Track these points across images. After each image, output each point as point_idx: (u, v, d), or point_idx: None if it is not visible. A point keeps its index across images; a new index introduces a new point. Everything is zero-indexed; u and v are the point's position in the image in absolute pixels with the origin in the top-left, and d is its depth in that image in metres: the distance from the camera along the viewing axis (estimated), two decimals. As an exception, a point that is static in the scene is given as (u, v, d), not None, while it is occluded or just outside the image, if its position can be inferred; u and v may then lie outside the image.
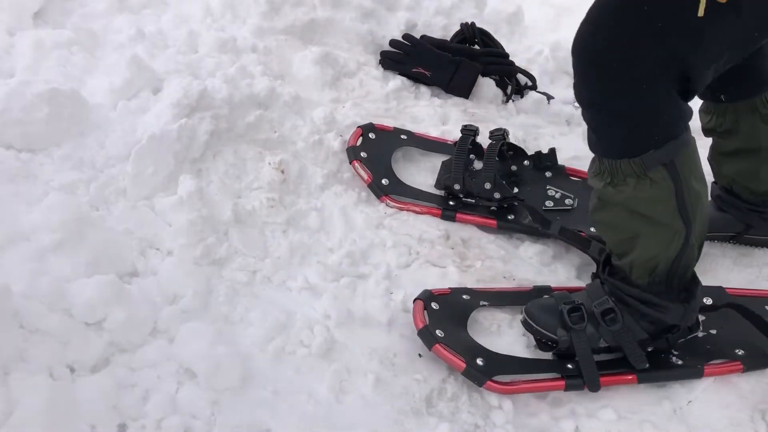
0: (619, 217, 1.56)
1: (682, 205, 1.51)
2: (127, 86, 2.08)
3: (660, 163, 1.48)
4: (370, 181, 2.03)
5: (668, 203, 1.51)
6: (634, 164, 1.48)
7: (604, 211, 1.58)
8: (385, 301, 1.78)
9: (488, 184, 2.01)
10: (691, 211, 1.53)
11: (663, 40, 1.38)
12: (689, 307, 1.64)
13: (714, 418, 1.61)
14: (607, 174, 1.52)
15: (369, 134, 2.16)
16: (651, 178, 1.49)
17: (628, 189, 1.51)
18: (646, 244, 1.56)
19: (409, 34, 2.60)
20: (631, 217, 1.54)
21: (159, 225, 1.79)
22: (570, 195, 2.08)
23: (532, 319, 1.70)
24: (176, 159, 1.88)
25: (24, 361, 1.42)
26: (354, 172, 2.07)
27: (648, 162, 1.47)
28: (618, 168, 1.50)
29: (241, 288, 1.73)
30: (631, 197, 1.52)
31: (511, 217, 2.01)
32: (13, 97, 1.89)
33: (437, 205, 2.03)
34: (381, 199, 2.02)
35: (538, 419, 1.60)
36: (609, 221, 1.60)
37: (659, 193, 1.50)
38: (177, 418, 1.44)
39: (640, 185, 1.50)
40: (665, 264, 1.58)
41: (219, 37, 2.39)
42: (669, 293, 1.62)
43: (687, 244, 1.56)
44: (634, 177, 1.49)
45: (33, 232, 1.61)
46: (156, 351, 1.54)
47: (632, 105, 1.45)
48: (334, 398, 1.54)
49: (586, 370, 1.61)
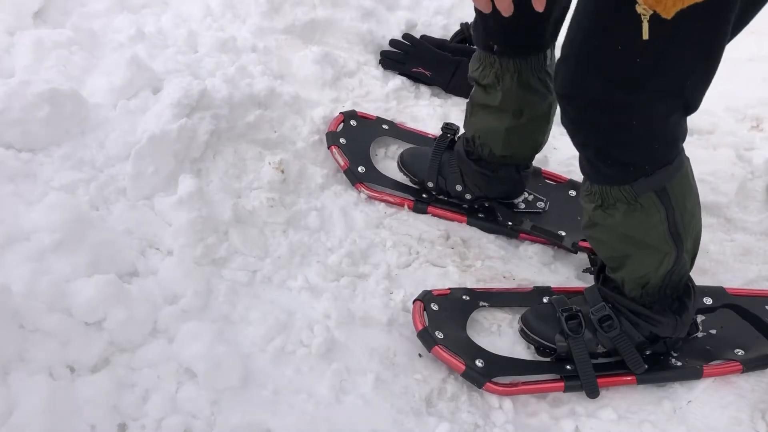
0: (609, 237, 1.55)
1: (673, 228, 1.50)
2: (127, 86, 2.08)
3: (651, 190, 1.46)
4: (346, 168, 2.03)
5: (658, 228, 1.50)
6: (624, 191, 1.46)
7: (595, 230, 1.57)
8: (385, 300, 1.78)
9: (459, 186, 2.00)
10: (682, 231, 1.52)
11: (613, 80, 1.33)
12: (681, 321, 1.63)
13: (714, 417, 1.61)
14: (597, 197, 1.50)
15: (350, 121, 2.15)
16: (641, 204, 1.47)
17: (618, 214, 1.49)
18: (636, 264, 1.56)
19: (409, 34, 2.60)
20: (621, 238, 1.53)
21: (159, 225, 1.78)
22: (542, 198, 2.07)
23: (529, 329, 1.71)
24: (176, 159, 1.88)
25: (24, 360, 1.42)
26: (331, 156, 2.07)
27: (639, 189, 1.45)
28: (608, 193, 1.48)
29: (241, 288, 1.73)
30: (621, 222, 1.50)
31: (482, 216, 2.01)
32: (13, 96, 1.88)
33: (410, 196, 2.03)
34: (356, 186, 2.02)
35: (538, 419, 1.60)
36: (600, 239, 1.58)
37: (649, 219, 1.49)
38: (177, 418, 1.44)
39: (629, 211, 1.48)
40: (656, 280, 1.58)
41: (219, 37, 2.39)
42: (662, 303, 1.62)
43: (678, 261, 1.56)
44: (624, 203, 1.47)
45: (33, 232, 1.61)
46: (156, 351, 1.54)
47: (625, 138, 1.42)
48: (334, 398, 1.54)
49: (585, 377, 1.61)
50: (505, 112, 1.81)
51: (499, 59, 1.75)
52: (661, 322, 1.62)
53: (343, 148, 2.07)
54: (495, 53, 1.75)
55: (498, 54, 1.75)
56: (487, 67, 1.78)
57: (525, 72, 1.75)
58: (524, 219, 1.98)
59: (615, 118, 1.39)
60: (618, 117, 1.38)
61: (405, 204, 2.01)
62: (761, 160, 2.32)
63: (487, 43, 1.75)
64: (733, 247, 2.05)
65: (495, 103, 1.81)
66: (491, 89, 1.80)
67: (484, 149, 1.90)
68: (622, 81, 1.33)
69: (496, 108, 1.82)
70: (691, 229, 1.56)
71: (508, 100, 1.79)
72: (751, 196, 2.22)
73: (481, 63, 1.80)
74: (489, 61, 1.77)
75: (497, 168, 1.93)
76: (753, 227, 2.13)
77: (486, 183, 1.96)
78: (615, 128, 1.41)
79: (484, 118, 1.86)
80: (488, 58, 1.77)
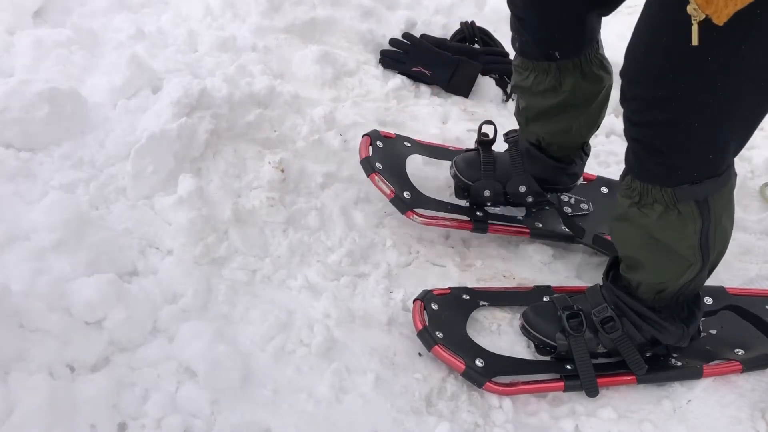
0: (637, 236, 1.52)
1: (705, 241, 1.47)
2: (127, 85, 2.08)
3: (693, 198, 1.42)
4: (393, 196, 1.86)
5: (690, 238, 1.47)
6: (666, 193, 1.43)
7: (625, 225, 1.54)
8: (385, 300, 1.78)
9: (522, 188, 1.91)
10: (712, 247, 1.49)
11: None
12: (687, 332, 1.62)
13: (714, 417, 1.61)
14: (636, 194, 1.47)
15: (377, 142, 1.99)
16: (679, 211, 1.44)
17: (653, 215, 1.46)
18: (658, 269, 1.54)
19: (409, 33, 2.60)
20: (649, 241, 1.50)
21: (159, 224, 1.78)
22: (583, 199, 2.04)
23: (530, 326, 1.70)
24: (176, 158, 1.88)
25: (24, 360, 1.42)
26: (374, 185, 1.89)
27: (680, 195, 1.42)
28: (648, 192, 1.45)
29: (241, 287, 1.73)
30: (654, 224, 1.47)
31: (540, 225, 1.95)
32: (13, 96, 1.88)
33: (466, 217, 1.93)
34: (407, 215, 1.87)
35: (538, 418, 1.60)
36: (626, 236, 1.56)
37: (684, 228, 1.46)
38: (177, 417, 1.44)
39: (665, 214, 1.45)
40: (673, 288, 1.56)
41: (219, 36, 2.39)
42: (672, 310, 1.61)
43: (700, 274, 1.54)
44: (662, 205, 1.44)
45: (33, 232, 1.61)
46: (156, 350, 1.54)
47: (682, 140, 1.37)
48: (334, 397, 1.54)
49: (585, 376, 1.61)
50: (572, 107, 1.77)
51: (556, 63, 1.70)
52: (667, 329, 1.61)
53: (383, 174, 1.89)
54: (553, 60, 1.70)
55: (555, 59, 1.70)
56: (540, 75, 1.73)
57: (585, 65, 1.71)
58: (581, 225, 1.94)
59: (678, 116, 1.35)
60: (681, 116, 1.34)
61: (464, 227, 1.92)
62: (761, 159, 2.33)
63: (548, 53, 1.70)
64: (733, 247, 2.04)
65: (557, 104, 1.76)
66: (549, 93, 1.74)
67: (552, 147, 1.85)
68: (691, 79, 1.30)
69: (559, 109, 1.77)
70: (720, 247, 1.53)
71: (573, 96, 1.75)
72: (750, 196, 2.23)
73: (531, 71, 1.74)
74: (542, 68, 1.72)
75: (571, 160, 1.89)
76: (753, 226, 2.14)
77: (560, 176, 1.90)
78: (674, 128, 1.36)
79: (546, 122, 1.80)
80: (539, 66, 1.71)
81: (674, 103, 1.33)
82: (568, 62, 1.70)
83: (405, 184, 1.93)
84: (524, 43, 1.73)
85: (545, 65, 1.71)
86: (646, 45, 1.35)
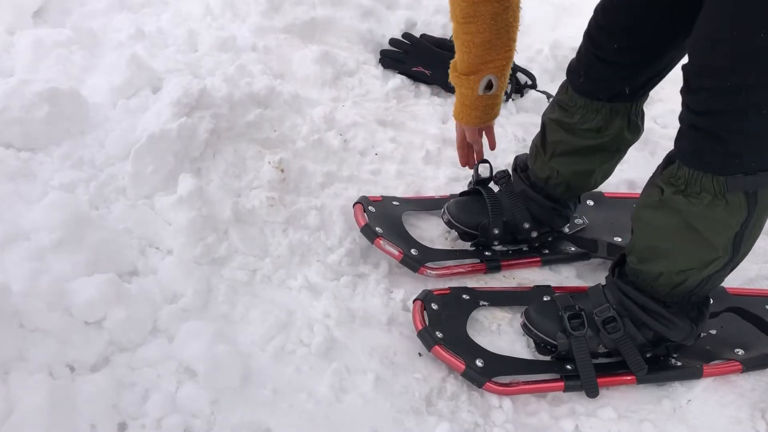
0: (672, 223, 1.50)
1: (741, 236, 1.46)
2: (127, 85, 2.08)
3: (743, 189, 1.41)
4: (402, 256, 1.84)
5: (731, 230, 1.46)
6: (717, 182, 1.41)
7: (659, 213, 1.52)
8: (385, 300, 1.78)
9: (526, 224, 1.92)
10: (745, 242, 1.49)
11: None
12: (695, 330, 1.62)
13: (714, 416, 1.61)
14: (682, 182, 1.45)
15: (369, 207, 1.96)
16: (727, 201, 1.42)
17: (700, 204, 1.44)
18: (686, 257, 1.52)
19: (409, 33, 2.60)
20: (685, 228, 1.49)
21: (159, 224, 1.78)
22: (575, 215, 2.04)
23: (532, 324, 1.70)
24: (176, 158, 1.88)
25: (24, 360, 1.42)
26: (381, 250, 1.86)
27: (732, 185, 1.41)
28: (698, 180, 1.43)
29: (241, 287, 1.73)
30: (698, 212, 1.45)
31: (547, 252, 1.96)
32: (13, 96, 1.89)
33: (476, 260, 1.93)
34: (419, 272, 1.85)
35: (537, 418, 1.60)
36: (660, 224, 1.53)
37: (728, 218, 1.44)
38: (177, 417, 1.44)
39: (712, 204, 1.43)
40: (694, 282, 1.55)
41: (219, 36, 2.39)
42: (682, 306, 1.61)
43: (723, 270, 1.53)
44: (710, 194, 1.42)
45: (33, 231, 1.61)
46: (156, 350, 1.54)
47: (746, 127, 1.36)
48: (334, 397, 1.54)
49: (585, 376, 1.61)
50: (606, 152, 1.79)
51: (611, 104, 1.70)
52: (676, 324, 1.60)
53: (386, 237, 1.87)
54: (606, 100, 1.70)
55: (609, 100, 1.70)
56: (589, 113, 1.72)
57: (633, 113, 1.73)
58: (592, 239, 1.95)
59: (744, 101, 1.33)
60: (748, 101, 1.33)
61: (478, 270, 1.91)
62: (761, 159, 2.32)
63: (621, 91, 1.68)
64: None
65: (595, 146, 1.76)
66: (592, 133, 1.74)
67: (558, 189, 1.87)
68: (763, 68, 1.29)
69: (594, 150, 1.77)
70: (750, 245, 1.52)
71: (613, 141, 1.76)
72: (751, 195, 2.22)
73: (581, 108, 1.73)
74: (593, 107, 1.71)
75: (567, 203, 1.92)
76: (753, 226, 2.13)
77: (553, 217, 1.92)
78: (739, 113, 1.35)
79: (574, 161, 1.80)
80: (592, 104, 1.71)
81: (744, 93, 1.32)
82: (620, 106, 1.71)
83: (409, 242, 1.93)
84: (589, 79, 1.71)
85: (597, 104, 1.71)
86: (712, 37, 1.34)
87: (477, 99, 1.79)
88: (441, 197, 2.09)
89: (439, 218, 2.03)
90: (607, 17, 1.64)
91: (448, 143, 2.29)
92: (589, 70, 1.69)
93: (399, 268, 1.88)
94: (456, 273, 1.89)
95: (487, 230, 1.92)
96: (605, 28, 1.64)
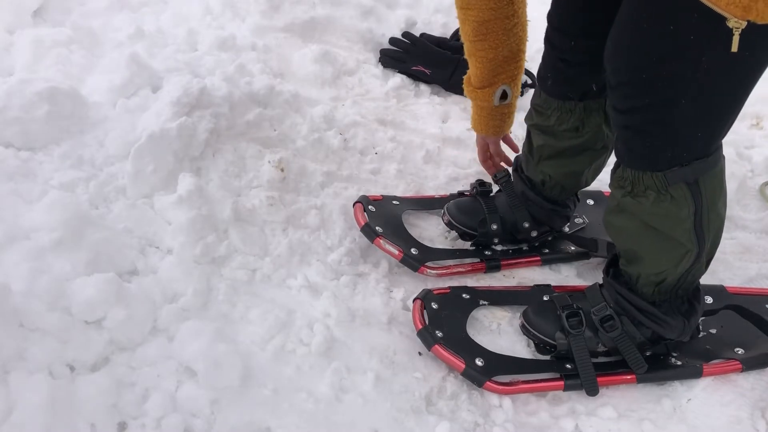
0: (633, 226, 1.54)
1: (698, 225, 1.48)
2: (127, 84, 2.08)
3: (683, 180, 1.44)
4: (402, 256, 1.85)
5: (685, 222, 1.48)
6: (656, 178, 1.44)
7: (621, 217, 1.56)
8: (385, 299, 1.78)
9: (526, 223, 1.94)
10: (707, 231, 1.50)
11: None
12: (688, 324, 1.63)
13: (714, 416, 1.61)
14: (628, 183, 1.49)
15: (369, 207, 1.96)
16: (672, 195, 1.45)
17: (647, 202, 1.48)
18: (655, 258, 1.55)
19: (409, 32, 2.60)
20: (645, 229, 1.52)
21: (159, 223, 1.78)
22: (576, 214, 2.05)
23: (530, 325, 1.71)
24: (176, 157, 1.88)
25: (24, 359, 1.42)
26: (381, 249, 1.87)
27: (671, 178, 1.44)
28: (640, 179, 1.47)
29: (241, 286, 1.73)
30: (648, 211, 1.49)
31: (547, 251, 1.97)
32: (13, 95, 1.89)
33: (476, 259, 1.93)
34: (419, 271, 1.85)
35: (537, 417, 1.60)
36: (623, 227, 1.57)
37: (677, 211, 1.47)
38: (177, 417, 1.44)
39: (659, 200, 1.46)
40: (673, 278, 1.57)
41: (218, 35, 2.39)
42: (672, 303, 1.62)
43: (697, 261, 1.55)
44: (654, 191, 1.46)
45: (32, 231, 1.61)
46: (156, 349, 1.54)
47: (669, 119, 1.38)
48: (334, 396, 1.54)
49: (585, 375, 1.61)
50: (589, 150, 1.80)
51: (583, 103, 1.72)
52: (668, 323, 1.61)
53: (386, 236, 1.88)
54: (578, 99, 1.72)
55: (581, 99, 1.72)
56: (564, 114, 1.74)
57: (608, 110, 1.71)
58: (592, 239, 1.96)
59: (664, 97, 1.35)
60: (667, 96, 1.35)
61: (478, 270, 1.91)
62: (761, 158, 2.32)
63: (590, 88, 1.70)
64: (733, 246, 2.05)
65: (577, 146, 1.78)
66: (571, 133, 1.76)
67: (554, 191, 1.88)
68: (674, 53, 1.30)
69: (577, 150, 1.79)
70: (714, 233, 1.54)
71: (593, 139, 1.77)
72: (750, 195, 2.23)
73: (555, 110, 1.75)
74: (567, 108, 1.73)
75: (566, 203, 1.94)
76: (752, 225, 2.14)
77: (553, 217, 1.94)
78: (662, 108, 1.37)
79: (561, 163, 1.82)
80: (564, 106, 1.73)
81: (659, 84, 1.34)
82: (593, 103, 1.72)
83: (409, 241, 1.93)
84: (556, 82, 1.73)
85: (570, 104, 1.73)
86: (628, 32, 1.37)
87: (494, 110, 1.88)
88: (441, 196, 2.10)
89: (439, 218, 2.03)
90: (558, 19, 1.68)
91: (447, 142, 2.29)
92: (554, 73, 1.73)
93: (399, 268, 1.88)
94: (456, 272, 1.90)
95: (485, 225, 1.94)
96: (559, 29, 1.68)
